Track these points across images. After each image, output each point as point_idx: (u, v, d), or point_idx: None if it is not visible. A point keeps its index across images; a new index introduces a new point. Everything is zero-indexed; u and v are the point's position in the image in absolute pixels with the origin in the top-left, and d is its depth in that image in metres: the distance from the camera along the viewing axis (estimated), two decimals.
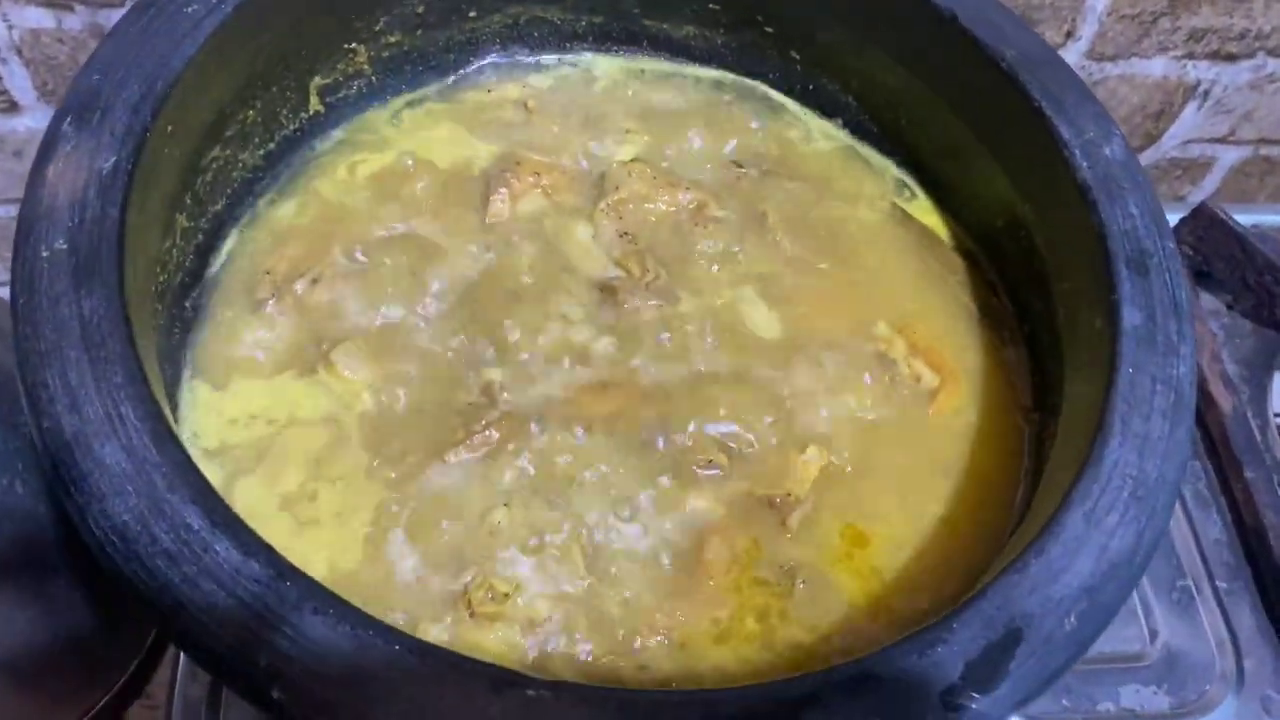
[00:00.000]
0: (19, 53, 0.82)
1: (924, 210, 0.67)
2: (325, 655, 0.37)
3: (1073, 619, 0.42)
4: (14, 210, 0.92)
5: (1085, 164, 0.55)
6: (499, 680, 0.37)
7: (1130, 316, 0.50)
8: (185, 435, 0.52)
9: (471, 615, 0.47)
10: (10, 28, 0.80)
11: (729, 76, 0.71)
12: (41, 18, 0.79)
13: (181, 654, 0.59)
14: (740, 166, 0.66)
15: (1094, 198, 0.54)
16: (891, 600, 0.51)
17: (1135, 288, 0.51)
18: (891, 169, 0.69)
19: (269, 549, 0.39)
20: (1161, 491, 0.46)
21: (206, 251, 0.58)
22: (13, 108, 0.86)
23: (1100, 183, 0.55)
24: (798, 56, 0.69)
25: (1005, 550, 0.48)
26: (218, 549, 0.38)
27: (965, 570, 0.52)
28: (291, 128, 0.62)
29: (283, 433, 0.53)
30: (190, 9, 0.51)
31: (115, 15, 0.79)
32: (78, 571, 0.55)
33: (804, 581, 0.51)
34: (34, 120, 0.87)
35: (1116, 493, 0.45)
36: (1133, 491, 0.45)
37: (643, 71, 0.71)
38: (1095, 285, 0.53)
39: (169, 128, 0.49)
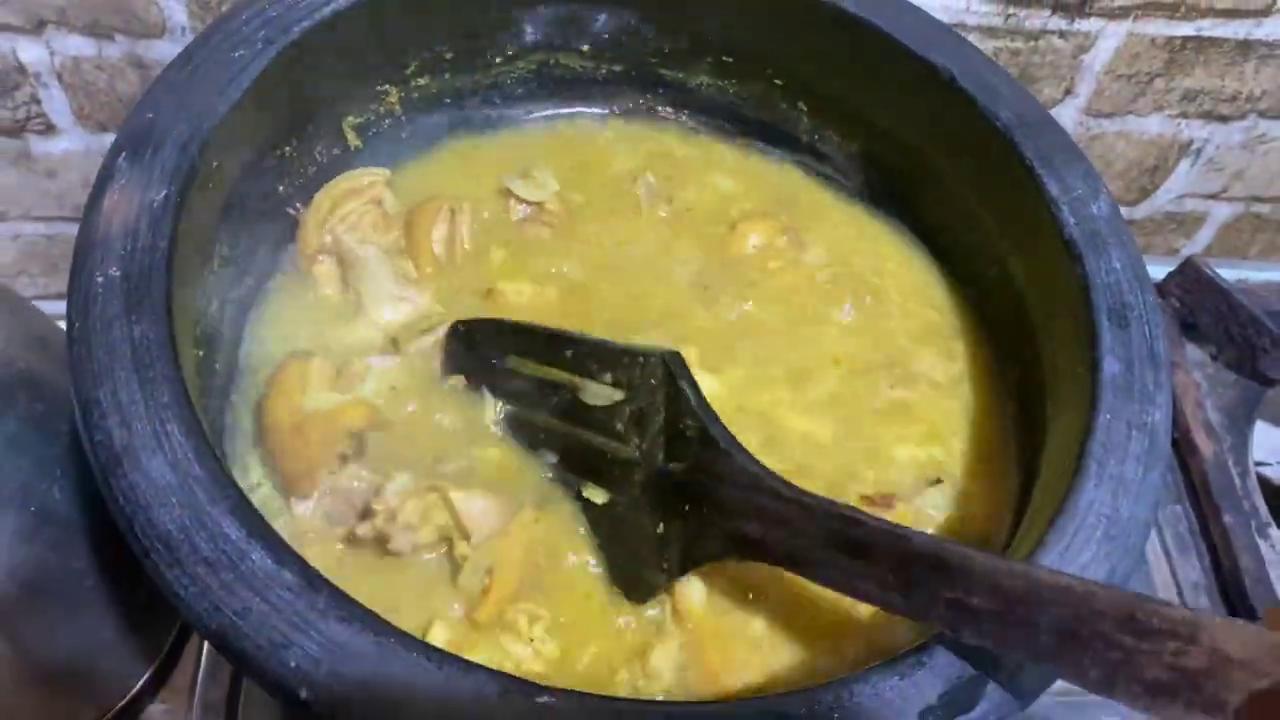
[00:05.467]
0: (59, 77, 0.85)
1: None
2: (349, 659, 0.40)
3: None
4: (45, 228, 0.96)
5: (1072, 220, 0.58)
6: (509, 687, 0.40)
7: (1110, 366, 0.53)
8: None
9: None
10: (52, 53, 0.83)
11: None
12: (83, 45, 0.82)
13: (202, 659, 0.62)
14: None
15: (1079, 252, 0.57)
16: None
17: (1115, 339, 0.54)
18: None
19: (300, 559, 0.42)
20: (1133, 531, 0.49)
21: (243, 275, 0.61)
22: (50, 129, 0.89)
23: (1086, 238, 0.58)
24: (805, 107, 0.73)
25: None
26: (253, 558, 0.41)
27: None
28: (325, 161, 0.66)
29: None
30: (237, 54, 0.54)
31: (154, 45, 0.82)
32: (105, 576, 0.58)
33: None
34: (69, 142, 0.90)
35: (1090, 531, 0.48)
36: (1106, 531, 0.48)
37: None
38: (1078, 335, 0.56)
39: (214, 163, 0.53)
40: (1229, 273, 0.84)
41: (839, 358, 0.64)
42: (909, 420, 0.63)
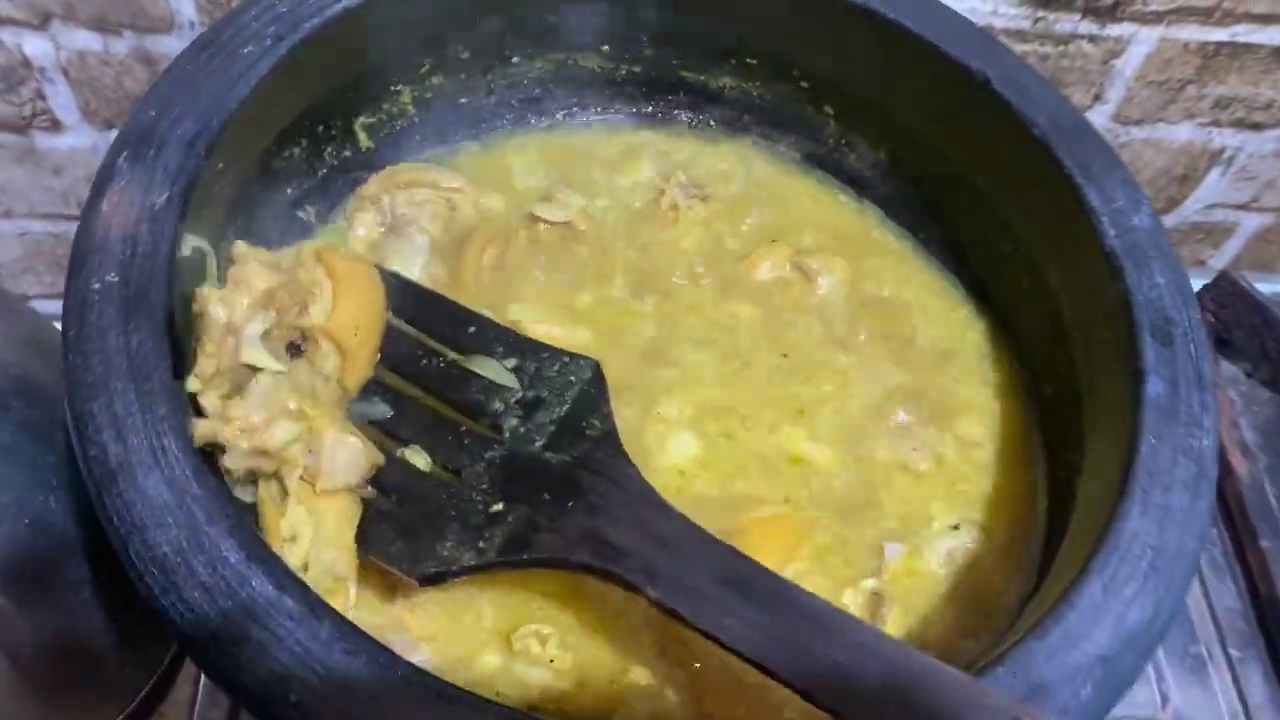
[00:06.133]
0: (65, 73, 0.83)
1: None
2: (354, 694, 0.38)
3: (1088, 688, 0.43)
4: (50, 226, 0.95)
5: (1113, 232, 0.56)
6: None
7: (1153, 386, 0.51)
8: None
9: None
10: (59, 49, 0.81)
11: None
12: (89, 40, 0.81)
13: (203, 677, 0.60)
14: None
15: (1120, 265, 0.55)
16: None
17: (1159, 358, 0.52)
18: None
19: (303, 585, 0.40)
20: (1181, 563, 0.46)
21: None
22: (55, 126, 0.87)
23: (1127, 251, 0.55)
24: (831, 111, 0.71)
25: (1023, 616, 0.48)
26: (253, 583, 0.39)
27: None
28: (335, 163, 0.64)
29: None
30: (246, 49, 0.52)
31: (161, 40, 0.81)
32: (101, 588, 0.56)
33: None
34: (75, 139, 0.89)
35: (1136, 563, 0.46)
36: (1152, 562, 0.46)
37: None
38: (1118, 353, 0.53)
39: (220, 164, 0.51)
40: (1265, 286, 0.82)
41: (822, 397, 0.62)
42: (923, 471, 0.60)
